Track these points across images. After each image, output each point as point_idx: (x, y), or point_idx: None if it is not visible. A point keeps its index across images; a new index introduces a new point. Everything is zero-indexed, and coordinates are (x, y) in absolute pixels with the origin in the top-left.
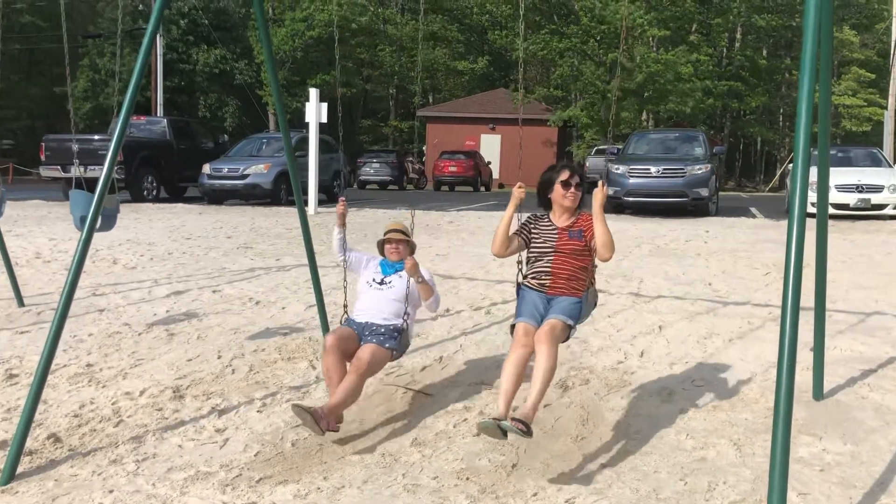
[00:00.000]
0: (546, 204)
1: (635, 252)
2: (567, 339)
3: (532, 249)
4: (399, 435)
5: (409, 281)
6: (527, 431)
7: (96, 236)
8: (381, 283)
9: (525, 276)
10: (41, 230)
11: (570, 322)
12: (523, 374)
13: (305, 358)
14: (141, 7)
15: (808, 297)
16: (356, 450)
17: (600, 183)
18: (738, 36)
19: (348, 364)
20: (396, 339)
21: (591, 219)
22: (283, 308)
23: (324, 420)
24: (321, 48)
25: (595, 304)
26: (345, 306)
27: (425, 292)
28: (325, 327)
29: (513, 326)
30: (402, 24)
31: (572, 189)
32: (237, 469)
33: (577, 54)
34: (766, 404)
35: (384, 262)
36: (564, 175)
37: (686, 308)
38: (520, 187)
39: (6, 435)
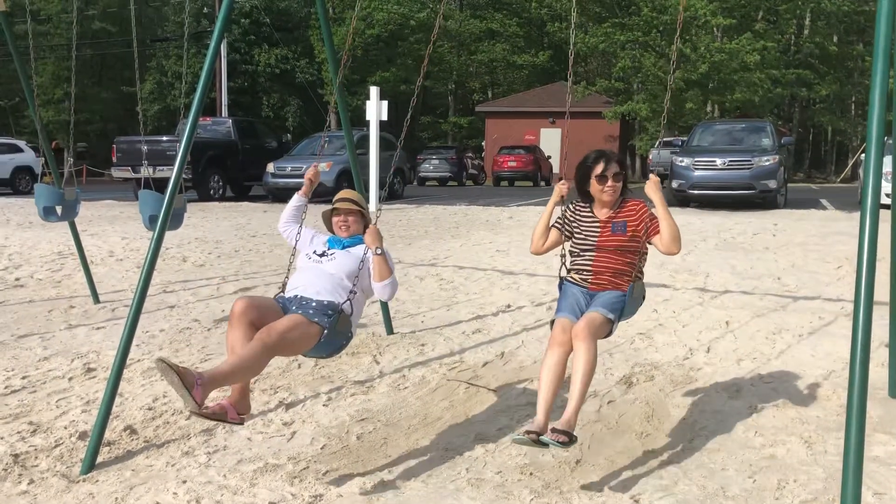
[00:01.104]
0: (586, 196)
1: (701, 246)
2: (608, 334)
3: (574, 243)
4: (462, 430)
5: (363, 256)
6: (568, 442)
7: (165, 235)
8: (322, 255)
9: (568, 271)
10: (114, 229)
11: (611, 316)
12: (563, 376)
13: (369, 353)
14: (205, 10)
15: (882, 292)
16: (420, 444)
17: (651, 176)
18: (807, 22)
19: None
20: (329, 318)
21: (638, 206)
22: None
23: (199, 389)
24: (380, 46)
25: (642, 299)
26: (284, 284)
27: (381, 268)
28: (388, 323)
29: (552, 322)
30: (461, 20)
31: (609, 182)
32: (304, 462)
33: (639, 46)
34: (839, 401)
35: (333, 238)
36: (599, 168)
37: (754, 303)
38: (563, 183)
39: (86, 426)
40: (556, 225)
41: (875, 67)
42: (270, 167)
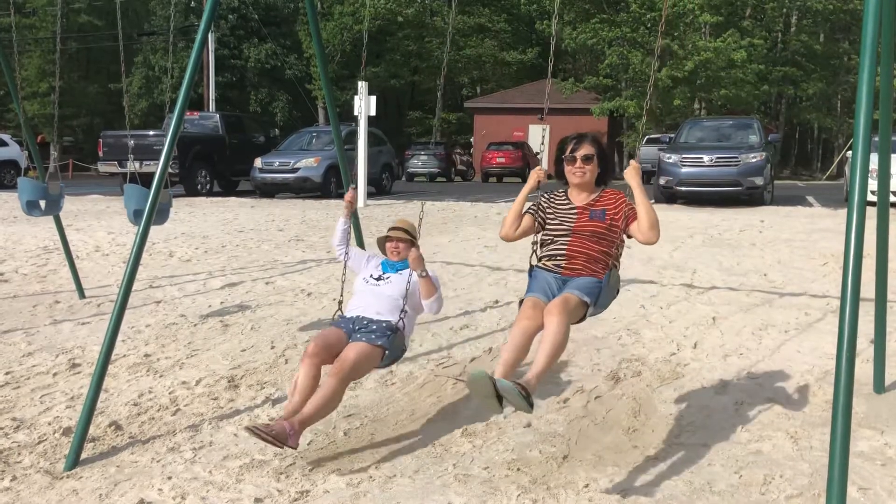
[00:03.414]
0: (565, 179)
1: (688, 242)
2: (582, 319)
3: (547, 231)
4: (449, 425)
5: (410, 276)
6: (527, 397)
7: (152, 230)
8: (379, 279)
9: (539, 259)
10: (100, 224)
11: (587, 300)
12: (528, 348)
13: None
14: (192, 3)
15: (868, 288)
16: (407, 440)
17: (632, 162)
18: (794, 20)
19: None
20: (388, 338)
21: (617, 195)
22: (334, 299)
23: (293, 437)
24: (369, 41)
25: (617, 291)
26: (339, 302)
27: (427, 288)
28: None
29: (521, 303)
30: (448, 15)
31: (578, 163)
32: (291, 457)
33: (626, 43)
34: (825, 397)
35: (386, 261)
36: (568, 148)
37: (741, 299)
38: (540, 169)
39: (70, 422)
40: (531, 211)
41: (862, 66)
42: (258, 162)
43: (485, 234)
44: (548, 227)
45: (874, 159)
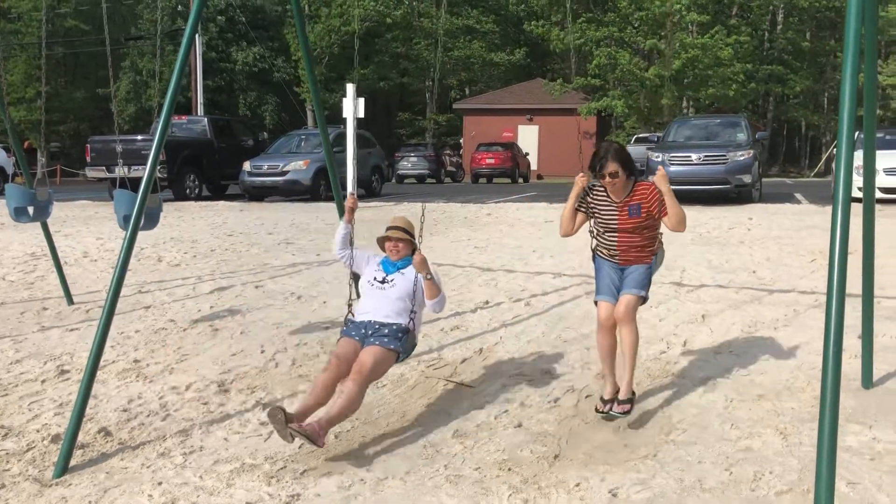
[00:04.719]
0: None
1: (677, 240)
2: (644, 302)
3: (597, 222)
4: (440, 426)
5: (416, 277)
6: (631, 407)
7: (140, 235)
8: (383, 281)
9: (597, 245)
10: (88, 230)
11: (643, 293)
12: (616, 347)
13: None
14: (179, 7)
15: (854, 284)
16: (398, 441)
17: (659, 168)
18: (780, 18)
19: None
20: (401, 340)
21: (649, 189)
22: (325, 302)
23: (321, 437)
24: (357, 43)
25: (664, 257)
26: (349, 304)
27: (431, 290)
28: None
29: (596, 303)
30: (436, 17)
31: (607, 179)
32: (281, 461)
33: (615, 42)
34: (813, 393)
35: (386, 260)
36: (597, 165)
37: (730, 297)
38: (582, 176)
39: (59, 429)
40: (581, 209)
41: (845, 62)
42: (247, 166)
43: (475, 234)
44: (596, 217)
45: (859, 156)
